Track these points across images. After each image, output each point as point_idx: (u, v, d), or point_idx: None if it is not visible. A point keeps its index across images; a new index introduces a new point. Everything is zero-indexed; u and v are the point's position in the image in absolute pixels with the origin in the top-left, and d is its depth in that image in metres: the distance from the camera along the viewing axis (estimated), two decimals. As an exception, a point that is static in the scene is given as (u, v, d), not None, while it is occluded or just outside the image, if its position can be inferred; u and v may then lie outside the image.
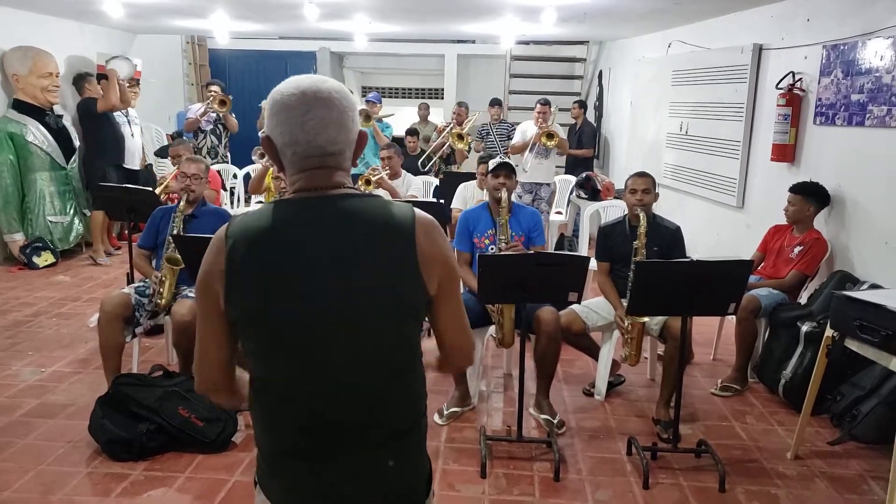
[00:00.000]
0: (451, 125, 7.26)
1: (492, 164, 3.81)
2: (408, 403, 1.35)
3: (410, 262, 1.27)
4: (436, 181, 6.60)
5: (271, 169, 5.18)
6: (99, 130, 6.58)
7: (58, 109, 6.76)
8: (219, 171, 6.40)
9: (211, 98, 7.01)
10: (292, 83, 1.28)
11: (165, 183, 5.20)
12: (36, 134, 6.39)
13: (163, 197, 4.96)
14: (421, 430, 1.38)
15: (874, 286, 3.72)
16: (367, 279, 1.25)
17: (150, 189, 4.97)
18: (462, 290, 3.73)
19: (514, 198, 3.92)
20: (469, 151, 7.28)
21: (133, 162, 6.96)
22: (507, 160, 3.81)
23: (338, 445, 1.29)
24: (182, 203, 3.83)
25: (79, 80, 6.84)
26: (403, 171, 5.61)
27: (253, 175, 5.80)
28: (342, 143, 1.30)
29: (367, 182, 5.20)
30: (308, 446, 1.30)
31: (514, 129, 7.46)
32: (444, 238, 1.34)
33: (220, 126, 7.24)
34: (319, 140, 1.27)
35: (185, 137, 7.68)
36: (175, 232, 3.70)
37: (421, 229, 1.29)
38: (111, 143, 6.66)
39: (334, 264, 1.24)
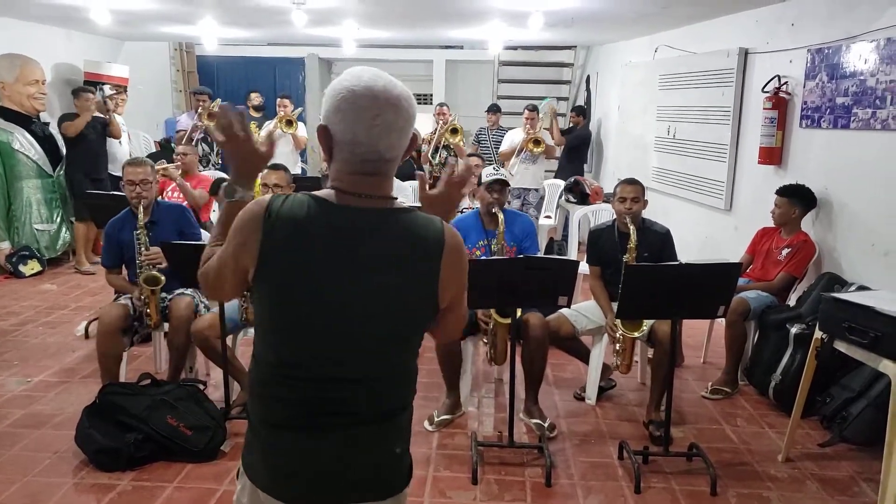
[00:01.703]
0: (439, 127, 7.22)
1: (485, 177, 3.73)
2: (397, 393, 1.42)
3: (431, 284, 1.35)
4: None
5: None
6: (74, 145, 6.43)
7: (44, 117, 6.71)
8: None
9: (200, 112, 7.01)
10: (365, 80, 1.29)
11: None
12: (22, 142, 6.33)
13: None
14: (402, 422, 1.44)
15: (862, 288, 3.73)
16: (387, 292, 1.32)
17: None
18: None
19: None
20: (465, 145, 7.25)
21: (120, 169, 6.91)
22: (501, 176, 3.71)
23: (324, 423, 1.35)
24: (140, 215, 3.61)
25: (74, 92, 6.58)
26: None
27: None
28: (399, 150, 1.35)
29: None
30: (297, 421, 1.35)
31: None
32: (465, 259, 1.42)
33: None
34: (381, 146, 1.30)
35: (172, 146, 7.67)
36: (142, 250, 3.58)
37: (448, 253, 1.35)
38: (88, 157, 6.46)
39: (359, 274, 1.31)
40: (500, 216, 3.64)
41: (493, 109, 7.79)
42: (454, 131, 7.07)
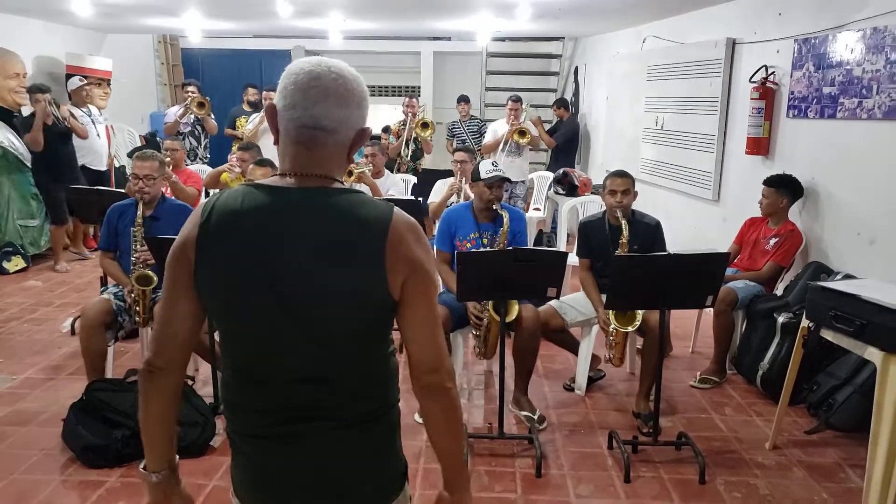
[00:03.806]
0: (408, 119, 7.15)
1: (485, 173, 3.64)
2: (372, 394, 1.32)
3: (376, 266, 1.22)
4: (414, 179, 6.58)
5: (226, 174, 5.13)
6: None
7: (25, 111, 6.61)
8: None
9: (189, 100, 6.92)
10: (315, 59, 1.27)
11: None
12: (3, 136, 6.24)
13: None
14: (386, 425, 1.35)
15: (848, 276, 3.76)
16: (332, 278, 1.22)
17: (122, 191, 4.89)
18: (442, 290, 3.76)
19: None
20: (431, 140, 7.20)
21: (100, 163, 6.80)
22: (502, 173, 3.67)
23: (296, 430, 1.28)
24: (140, 209, 3.58)
25: (31, 91, 6.26)
26: (385, 171, 5.57)
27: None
28: (338, 122, 1.25)
29: (349, 174, 5.10)
30: (267, 429, 1.29)
31: (485, 126, 7.48)
32: (419, 243, 1.28)
33: (198, 127, 7.14)
34: (316, 110, 1.23)
35: (158, 140, 7.60)
36: (137, 247, 3.53)
37: (394, 234, 1.24)
38: (54, 162, 6.22)
39: (301, 259, 1.22)
40: (506, 216, 3.61)
41: (462, 100, 7.75)
42: (425, 125, 7.03)
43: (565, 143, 8.00)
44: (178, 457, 1.42)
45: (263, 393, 1.28)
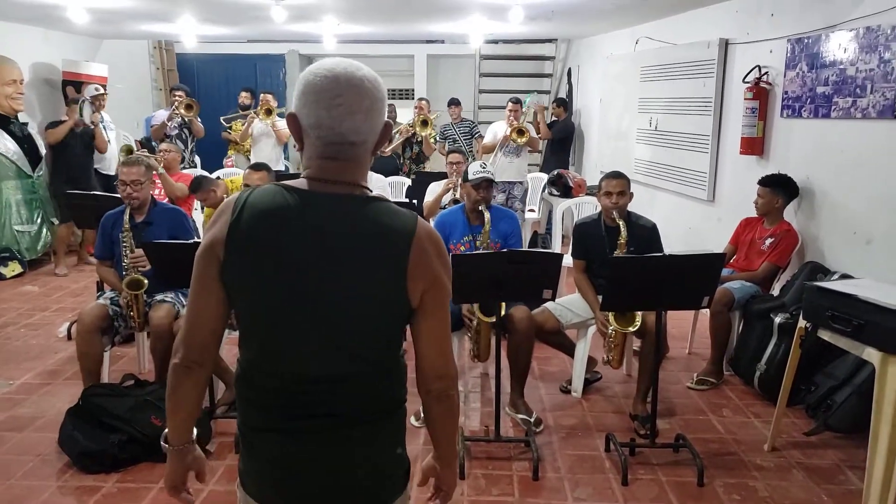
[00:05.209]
0: (414, 119, 7.18)
1: (472, 174, 3.67)
2: (382, 394, 1.36)
3: (398, 275, 1.27)
4: (408, 181, 6.58)
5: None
6: (58, 154, 6.39)
7: (22, 117, 6.61)
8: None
9: (177, 103, 6.91)
10: (327, 65, 1.27)
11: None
12: (0, 142, 6.23)
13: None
14: (393, 423, 1.39)
15: (845, 276, 3.76)
16: (353, 283, 1.26)
17: (118, 195, 4.87)
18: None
19: None
20: (436, 143, 7.23)
21: (110, 168, 6.85)
22: (488, 174, 3.69)
23: (304, 426, 1.31)
24: (126, 215, 3.57)
25: (68, 102, 6.53)
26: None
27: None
28: (365, 134, 1.29)
29: None
30: (276, 423, 1.32)
31: (477, 127, 7.49)
32: (440, 256, 1.32)
33: (185, 131, 7.12)
34: (343, 128, 1.26)
35: (153, 144, 7.57)
36: (127, 252, 3.52)
37: (418, 245, 1.27)
38: (72, 169, 6.35)
39: (324, 263, 1.26)
40: (487, 215, 3.63)
41: (453, 103, 7.76)
42: (424, 123, 7.04)
43: (559, 142, 8.01)
44: (195, 430, 1.47)
45: (276, 389, 1.31)
